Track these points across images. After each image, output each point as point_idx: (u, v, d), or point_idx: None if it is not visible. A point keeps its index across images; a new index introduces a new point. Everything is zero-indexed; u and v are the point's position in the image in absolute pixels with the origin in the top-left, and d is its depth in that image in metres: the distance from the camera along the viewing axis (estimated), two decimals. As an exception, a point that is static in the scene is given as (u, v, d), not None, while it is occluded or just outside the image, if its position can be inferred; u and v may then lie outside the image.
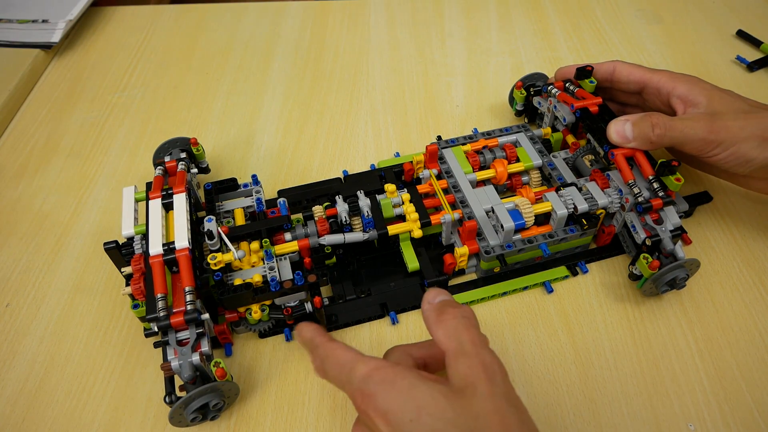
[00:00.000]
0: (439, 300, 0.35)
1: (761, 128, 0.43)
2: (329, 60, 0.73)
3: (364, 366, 0.32)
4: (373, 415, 0.30)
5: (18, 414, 0.43)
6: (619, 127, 0.47)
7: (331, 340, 0.36)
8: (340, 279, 0.49)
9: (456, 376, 0.31)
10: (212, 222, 0.44)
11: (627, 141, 0.46)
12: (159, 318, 0.38)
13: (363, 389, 0.31)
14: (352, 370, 0.32)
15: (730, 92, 0.47)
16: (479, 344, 0.32)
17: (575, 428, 0.41)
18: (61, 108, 0.67)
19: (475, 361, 0.31)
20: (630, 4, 0.79)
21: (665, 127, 0.45)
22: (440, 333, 0.33)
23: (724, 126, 0.44)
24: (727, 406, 0.41)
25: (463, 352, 0.32)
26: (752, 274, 0.49)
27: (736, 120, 0.44)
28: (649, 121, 0.45)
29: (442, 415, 0.29)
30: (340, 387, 0.34)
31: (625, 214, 0.47)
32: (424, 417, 0.29)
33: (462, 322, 0.33)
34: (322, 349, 0.35)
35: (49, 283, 0.51)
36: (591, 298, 0.48)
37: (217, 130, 0.64)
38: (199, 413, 0.38)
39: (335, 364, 0.34)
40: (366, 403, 0.31)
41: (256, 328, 0.44)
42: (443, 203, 0.49)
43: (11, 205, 0.57)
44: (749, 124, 0.44)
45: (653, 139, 0.45)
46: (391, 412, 0.30)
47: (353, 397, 0.32)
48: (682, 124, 0.44)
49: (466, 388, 0.30)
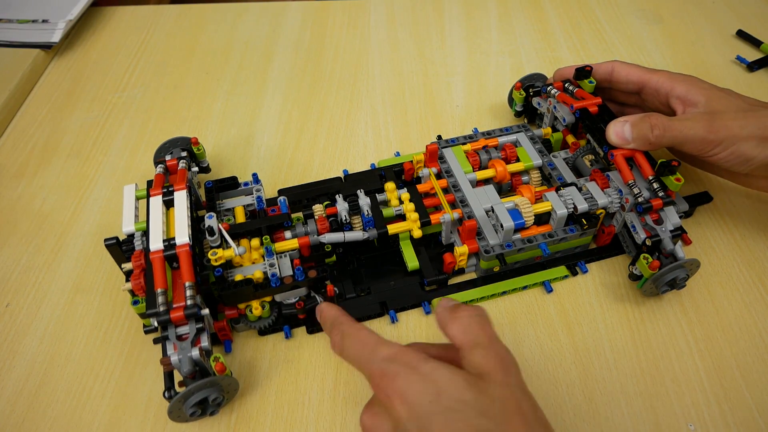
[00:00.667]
0: (452, 304, 0.36)
1: (761, 127, 0.43)
2: (329, 60, 0.73)
3: (387, 348, 0.33)
4: (391, 394, 0.31)
5: (18, 414, 0.43)
6: (618, 129, 0.47)
7: (354, 321, 0.37)
8: (340, 277, 0.49)
9: (471, 366, 0.32)
10: (213, 218, 0.44)
11: (626, 142, 0.46)
12: (159, 312, 0.38)
13: (384, 369, 0.32)
14: (374, 350, 0.33)
15: (729, 91, 0.47)
16: (494, 338, 0.33)
17: (575, 428, 0.41)
18: (61, 108, 0.67)
19: (491, 352, 0.32)
20: (630, 4, 0.79)
21: (664, 128, 0.45)
22: (455, 328, 0.34)
23: (724, 125, 0.44)
24: (727, 406, 0.41)
25: (478, 344, 0.33)
26: (752, 274, 0.49)
27: (736, 119, 0.44)
28: (648, 122, 0.45)
29: (460, 397, 0.30)
30: (357, 365, 0.34)
31: (625, 214, 0.47)
32: (443, 398, 0.30)
33: (476, 320, 0.34)
34: (346, 327, 0.36)
35: (49, 283, 0.51)
36: (591, 298, 0.48)
37: (217, 129, 0.64)
38: (198, 408, 0.38)
39: (357, 341, 0.34)
40: (386, 383, 0.31)
41: (256, 325, 0.44)
42: (443, 202, 0.49)
43: (11, 205, 0.57)
44: (749, 123, 0.44)
45: (652, 140, 0.45)
46: (410, 393, 0.30)
47: (372, 375, 0.32)
48: (681, 125, 0.44)
49: (483, 376, 0.31)
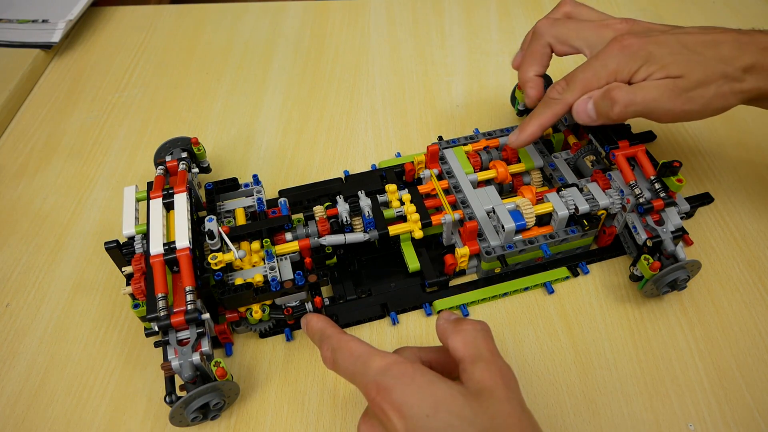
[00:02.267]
0: (454, 317, 0.36)
1: (725, 74, 0.41)
2: (329, 60, 0.73)
3: (381, 359, 0.32)
4: (387, 407, 0.30)
5: (18, 414, 0.43)
6: (582, 107, 0.44)
7: (343, 332, 0.36)
8: (340, 279, 0.48)
9: (472, 380, 0.31)
10: (213, 222, 0.44)
11: (592, 120, 0.44)
12: (159, 317, 0.38)
13: (379, 381, 0.31)
14: (367, 362, 0.32)
15: (665, 32, 0.43)
16: (496, 353, 0.33)
17: (575, 428, 0.41)
18: (61, 108, 0.67)
19: (493, 367, 0.32)
20: (630, 4, 0.79)
21: (625, 103, 0.41)
22: (458, 340, 0.33)
23: (689, 98, 0.41)
24: (727, 406, 0.41)
25: (481, 358, 0.32)
26: (753, 275, 0.49)
27: (703, 87, 0.41)
28: (609, 98, 0.42)
29: (459, 413, 0.29)
30: (351, 378, 0.33)
31: (626, 214, 0.47)
32: (441, 413, 0.29)
33: (480, 333, 0.34)
34: (335, 340, 0.35)
35: (49, 283, 0.51)
36: (592, 299, 0.48)
37: (217, 130, 0.64)
38: (199, 413, 0.38)
39: (349, 355, 0.34)
40: (382, 396, 0.30)
41: (256, 327, 0.44)
42: (444, 203, 0.49)
43: (11, 205, 0.57)
44: (716, 86, 0.41)
45: (614, 117, 0.42)
46: (407, 406, 0.30)
47: (367, 388, 0.31)
48: (645, 95, 0.41)
49: (483, 391, 0.31)
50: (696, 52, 0.41)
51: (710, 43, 0.42)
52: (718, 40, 0.42)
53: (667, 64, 0.41)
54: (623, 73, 0.42)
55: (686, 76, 0.41)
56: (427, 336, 0.46)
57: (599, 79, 0.43)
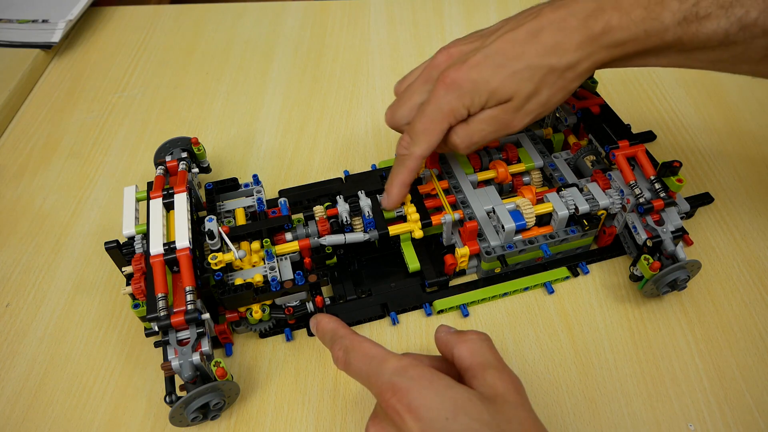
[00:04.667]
0: (454, 329, 0.36)
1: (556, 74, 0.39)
2: (329, 60, 0.73)
3: (397, 361, 0.32)
4: (403, 409, 0.30)
5: (18, 414, 0.43)
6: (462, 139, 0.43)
7: (355, 332, 0.36)
8: (340, 279, 0.49)
9: (484, 387, 0.31)
10: (213, 222, 0.44)
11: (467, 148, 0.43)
12: (159, 318, 0.38)
13: (396, 382, 0.31)
14: (382, 363, 0.32)
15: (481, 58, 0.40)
16: (503, 361, 0.33)
17: (575, 428, 0.41)
18: (61, 108, 0.67)
19: (504, 374, 0.32)
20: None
21: (466, 145, 0.42)
22: (464, 349, 0.34)
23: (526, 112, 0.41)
24: (727, 406, 0.41)
25: (490, 365, 0.33)
26: (752, 275, 0.49)
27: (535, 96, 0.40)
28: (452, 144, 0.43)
29: (479, 417, 0.29)
30: (364, 379, 0.33)
31: (626, 214, 0.47)
32: (461, 417, 0.29)
33: (485, 343, 0.34)
34: (348, 341, 0.35)
35: (49, 283, 0.51)
36: (592, 299, 0.48)
37: (217, 130, 0.64)
38: (199, 413, 0.38)
39: (363, 356, 0.33)
40: (398, 397, 0.30)
41: (256, 328, 0.44)
42: (444, 204, 0.49)
43: (11, 205, 0.57)
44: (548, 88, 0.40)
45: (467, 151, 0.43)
46: (425, 408, 0.29)
47: (381, 389, 0.31)
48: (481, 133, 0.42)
49: (497, 397, 0.31)
50: (517, 58, 0.39)
51: (528, 36, 0.39)
52: (535, 28, 0.39)
53: (495, 90, 0.39)
54: (459, 111, 0.41)
55: (516, 96, 0.40)
56: (428, 336, 0.46)
57: (440, 124, 0.42)
